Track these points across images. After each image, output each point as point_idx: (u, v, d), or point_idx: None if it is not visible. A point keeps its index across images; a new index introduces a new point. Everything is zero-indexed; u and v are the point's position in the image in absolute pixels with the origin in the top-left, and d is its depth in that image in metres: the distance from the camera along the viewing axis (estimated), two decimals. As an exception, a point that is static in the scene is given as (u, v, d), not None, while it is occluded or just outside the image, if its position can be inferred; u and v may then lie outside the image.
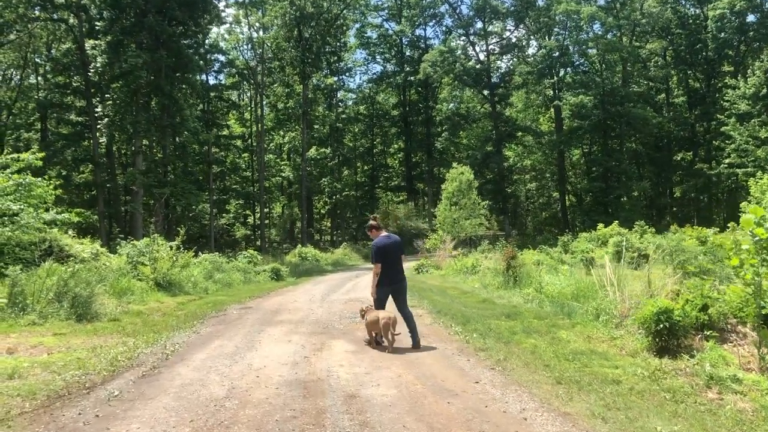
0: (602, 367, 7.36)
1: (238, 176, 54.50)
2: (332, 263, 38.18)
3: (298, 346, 9.14)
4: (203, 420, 5.46)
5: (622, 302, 10.12)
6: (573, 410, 5.64)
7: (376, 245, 8.98)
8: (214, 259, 24.41)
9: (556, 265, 18.18)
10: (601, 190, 52.09)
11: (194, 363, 8.02)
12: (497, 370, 7.36)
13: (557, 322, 10.71)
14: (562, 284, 13.51)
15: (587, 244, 31.96)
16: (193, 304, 15.53)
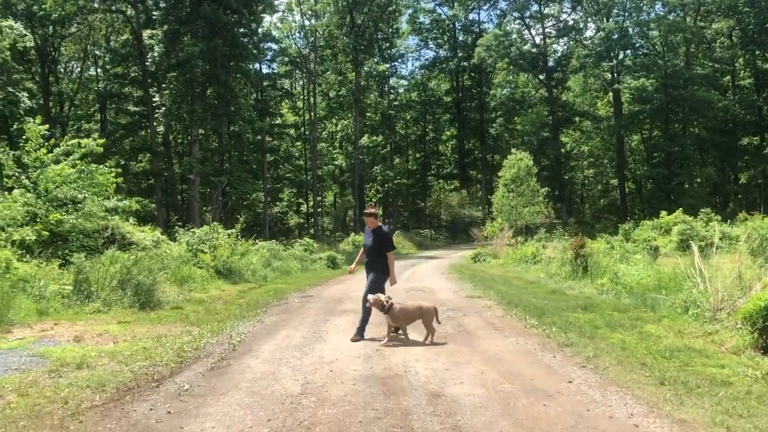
0: (705, 366, 6.69)
1: (291, 165, 54.60)
2: (386, 252, 37.82)
3: (366, 337, 8.72)
4: (281, 419, 5.06)
5: (714, 294, 9.35)
6: (689, 417, 5.03)
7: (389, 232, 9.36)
8: (271, 246, 24.30)
9: (627, 255, 17.28)
10: (662, 176, 50.18)
11: (263, 355, 7.68)
12: (589, 369, 6.76)
13: (641, 315, 10.00)
14: (640, 274, 12.73)
15: (650, 232, 30.73)
16: (253, 292, 15.34)
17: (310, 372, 6.74)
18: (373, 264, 9.01)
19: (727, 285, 9.58)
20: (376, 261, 8.96)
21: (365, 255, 9.14)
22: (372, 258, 9.00)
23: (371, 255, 8.98)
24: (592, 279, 14.65)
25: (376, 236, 8.91)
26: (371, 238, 8.95)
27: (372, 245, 8.92)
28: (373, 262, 9.00)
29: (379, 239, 8.89)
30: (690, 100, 47.96)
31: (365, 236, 9.16)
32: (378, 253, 8.92)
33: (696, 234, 25.92)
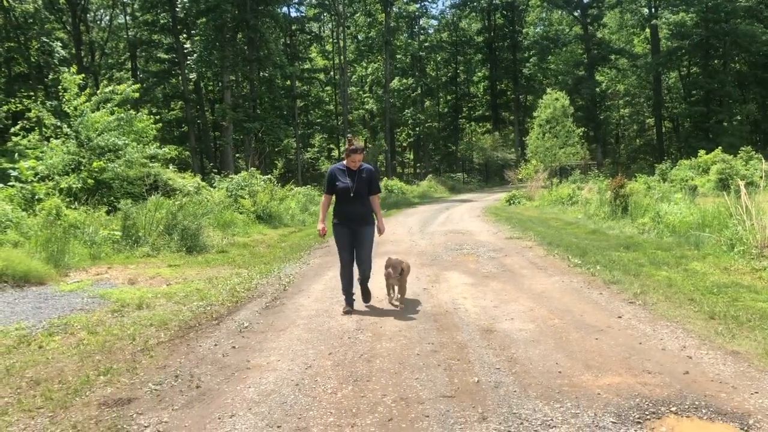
0: (755, 301, 6.71)
1: (322, 110, 54.42)
2: (419, 195, 37.87)
3: (412, 277, 8.84)
4: (342, 352, 5.26)
5: (762, 231, 9.27)
6: (742, 348, 5.09)
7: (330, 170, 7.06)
8: (307, 192, 24.55)
9: (667, 194, 17.07)
10: (701, 114, 48.87)
11: (314, 294, 7.91)
12: (637, 304, 6.84)
13: (685, 253, 9.98)
14: (682, 213, 12.62)
15: (687, 172, 30.19)
16: (294, 236, 15.60)
17: (361, 309, 6.94)
18: (359, 214, 6.80)
19: (774, 222, 9.48)
20: (362, 210, 6.82)
21: (340, 203, 6.84)
22: (356, 206, 6.77)
23: (355, 202, 6.75)
24: (633, 219, 14.55)
25: (365, 176, 6.80)
26: (354, 180, 6.74)
27: (358, 188, 6.72)
28: (358, 211, 6.79)
29: (369, 180, 6.84)
30: (732, 35, 46.13)
31: (338, 177, 6.81)
32: (364, 200, 6.83)
33: (736, 173, 25.37)
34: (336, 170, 6.89)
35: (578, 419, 3.77)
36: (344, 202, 6.78)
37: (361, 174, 6.80)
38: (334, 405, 4.10)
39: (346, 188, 6.74)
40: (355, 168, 6.81)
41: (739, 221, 10.00)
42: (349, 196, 6.72)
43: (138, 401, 4.24)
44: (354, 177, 6.77)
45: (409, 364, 4.91)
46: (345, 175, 6.80)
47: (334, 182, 6.80)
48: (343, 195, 6.76)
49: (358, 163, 6.79)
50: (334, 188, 6.82)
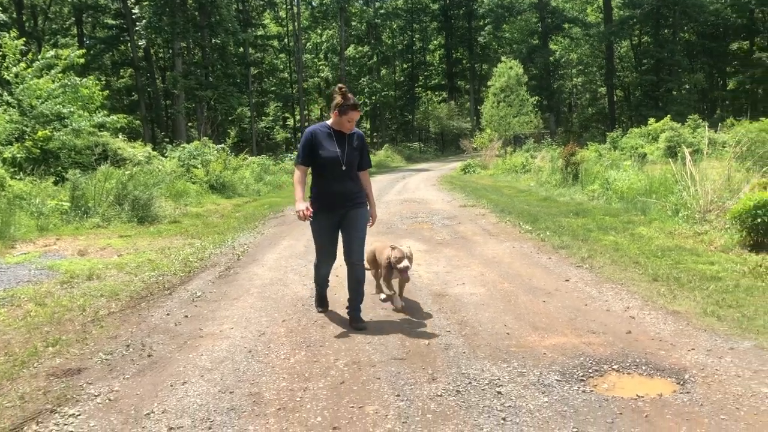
0: (696, 263, 6.98)
1: (276, 78, 53.57)
2: (375, 165, 37.74)
3: (367, 245, 8.90)
4: (296, 319, 5.30)
5: (704, 197, 9.59)
6: (681, 308, 5.31)
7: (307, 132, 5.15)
8: (262, 161, 24.31)
9: (617, 162, 17.47)
10: (651, 83, 49.84)
11: (268, 263, 7.90)
12: (584, 268, 7.04)
13: (632, 218, 10.28)
14: (630, 180, 12.95)
15: (638, 140, 30.85)
16: (249, 205, 15.47)
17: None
18: (349, 196, 5.07)
19: (716, 188, 9.82)
20: (354, 189, 5.10)
21: (325, 180, 5.01)
22: (347, 185, 5.04)
23: (346, 180, 5.02)
24: (583, 186, 14.87)
25: (357, 145, 5.10)
26: (345, 148, 5.00)
27: (350, 159, 5.02)
28: (349, 192, 5.06)
29: (361, 149, 5.15)
30: (681, 4, 46.89)
31: (322, 143, 4.97)
32: (355, 177, 5.13)
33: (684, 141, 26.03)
34: (318, 133, 5.00)
35: (524, 378, 3.89)
36: (330, 178, 4.95)
37: (353, 141, 5.05)
38: (287, 370, 4.14)
39: (335, 159, 4.91)
40: (347, 132, 5.02)
41: (684, 187, 10.32)
42: (338, 171, 4.92)
43: (88, 371, 4.21)
44: (344, 144, 4.99)
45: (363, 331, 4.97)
46: (332, 140, 4.98)
47: (317, 149, 4.92)
48: (331, 168, 4.92)
49: (353, 126, 5.04)
50: (316, 158, 4.94)
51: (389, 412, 3.46)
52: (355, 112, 4.96)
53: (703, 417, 3.31)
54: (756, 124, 16.50)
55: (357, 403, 3.59)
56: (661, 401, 3.52)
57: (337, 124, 5.04)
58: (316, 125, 5.17)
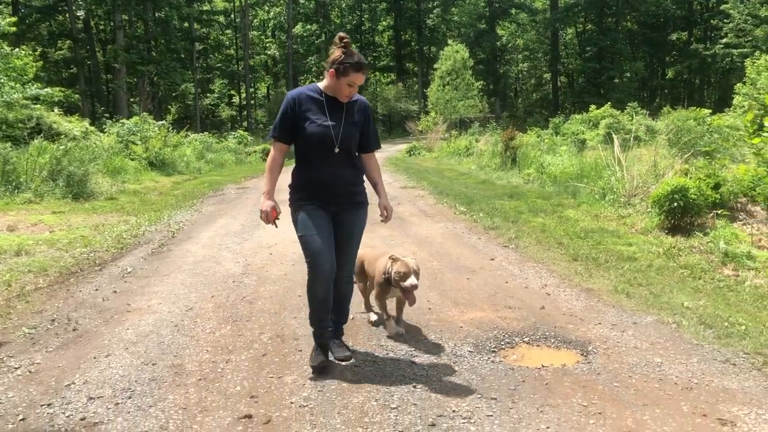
0: (616, 244, 7.35)
1: (222, 54, 52.62)
2: (321, 145, 37.73)
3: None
4: (225, 295, 5.39)
5: (630, 181, 10.03)
6: (595, 286, 5.63)
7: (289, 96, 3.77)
8: (204, 139, 23.98)
9: (554, 147, 17.97)
10: (594, 70, 51.07)
11: (203, 241, 7.92)
12: (510, 248, 7.33)
13: (562, 201, 10.66)
14: (564, 164, 13.38)
15: (579, 126, 31.65)
16: (188, 183, 15.33)
17: (250, 255, 7.05)
18: (346, 185, 3.78)
19: (642, 173, 10.28)
20: (351, 177, 3.80)
21: (314, 164, 3.71)
22: (342, 170, 3.73)
23: (342, 163, 3.71)
24: (520, 170, 15.27)
25: (358, 118, 3.78)
26: (341, 121, 3.68)
27: (347, 136, 3.69)
28: (346, 179, 3.77)
29: (366, 124, 3.83)
30: (624, -6, 48.19)
31: (308, 112, 3.65)
32: (354, 160, 3.81)
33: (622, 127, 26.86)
34: (305, 98, 3.66)
35: (439, 349, 4.10)
36: (319, 162, 3.65)
37: (352, 112, 3.72)
38: (212, 343, 4.24)
39: (325, 136, 3.60)
40: (345, 100, 3.67)
41: (612, 173, 10.75)
42: (330, 153, 3.62)
43: (9, 345, 4.22)
44: (341, 116, 3.66)
45: (289, 305, 5.11)
46: (323, 109, 3.64)
47: (301, 121, 3.62)
48: (319, 149, 3.63)
49: (355, 92, 3.69)
50: (299, 132, 3.64)
51: (307, 381, 3.61)
52: (359, 73, 3.55)
53: (598, 384, 3.57)
54: (684, 112, 17.20)
55: (277, 373, 3.73)
56: (562, 370, 3.78)
57: (332, 89, 3.63)
58: (302, 88, 3.77)
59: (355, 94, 3.76)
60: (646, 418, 3.14)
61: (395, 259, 4.16)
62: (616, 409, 3.24)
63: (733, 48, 38.89)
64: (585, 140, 24.11)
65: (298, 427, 3.06)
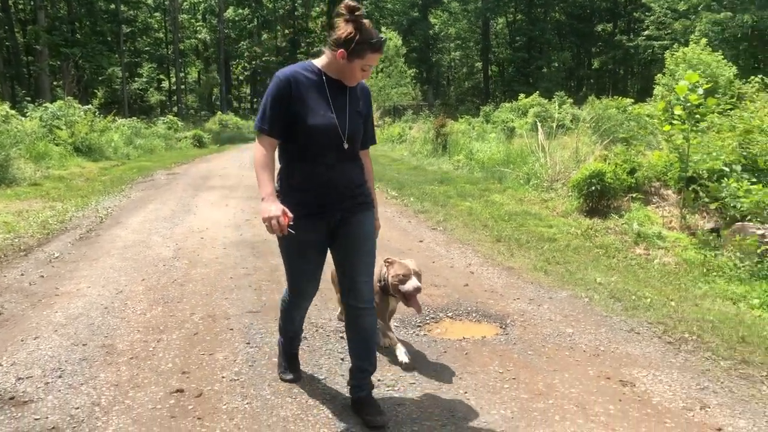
0: (537, 226, 7.71)
1: (150, 38, 51.03)
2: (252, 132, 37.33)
3: (237, 209, 9.06)
4: (155, 278, 5.41)
5: (552, 167, 10.47)
6: (516, 265, 5.94)
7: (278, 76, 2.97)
8: (133, 124, 23.33)
9: (484, 134, 18.43)
10: (523, 60, 52.27)
11: (132, 226, 7.84)
12: (439, 230, 7.58)
13: (489, 186, 11.02)
14: (492, 151, 13.79)
15: (508, 114, 32.44)
16: (116, 169, 14.98)
17: (181, 240, 7.05)
18: (351, 187, 3.02)
19: (564, 159, 10.75)
20: (356, 178, 3.07)
21: (311, 163, 2.93)
22: (347, 170, 3.01)
23: (346, 162, 3.01)
24: (450, 156, 15.61)
25: (363, 107, 3.08)
26: (344, 110, 2.96)
27: (352, 129, 2.98)
28: (350, 181, 3.03)
29: (367, 112, 3.14)
30: (552, -16, 49.40)
31: (307, 98, 2.89)
32: (357, 157, 3.10)
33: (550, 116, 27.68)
34: (302, 80, 2.92)
35: (367, 325, 4.28)
36: (321, 161, 2.93)
37: (356, 98, 3.04)
38: (143, 324, 4.29)
39: (332, 128, 2.91)
40: (353, 83, 2.99)
41: (537, 159, 11.18)
42: (338, 148, 2.94)
43: (-68, 330, 4.15)
44: (345, 103, 2.97)
45: (221, 287, 5.18)
46: (325, 95, 2.94)
47: (299, 110, 2.88)
48: (322, 145, 2.92)
49: (368, 76, 3.02)
50: (296, 126, 2.89)
51: (238, 357, 3.73)
52: (376, 54, 2.88)
53: (513, 353, 3.83)
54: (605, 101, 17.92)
55: (208, 351, 3.83)
56: (482, 342, 4.02)
57: (336, 70, 2.93)
58: (295, 66, 2.99)
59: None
60: (555, 382, 3.42)
61: (391, 262, 3.57)
62: (529, 374, 3.50)
63: (654, 40, 40.60)
64: (514, 128, 24.76)
65: (229, 399, 3.19)
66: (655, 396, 3.25)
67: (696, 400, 3.21)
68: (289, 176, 2.98)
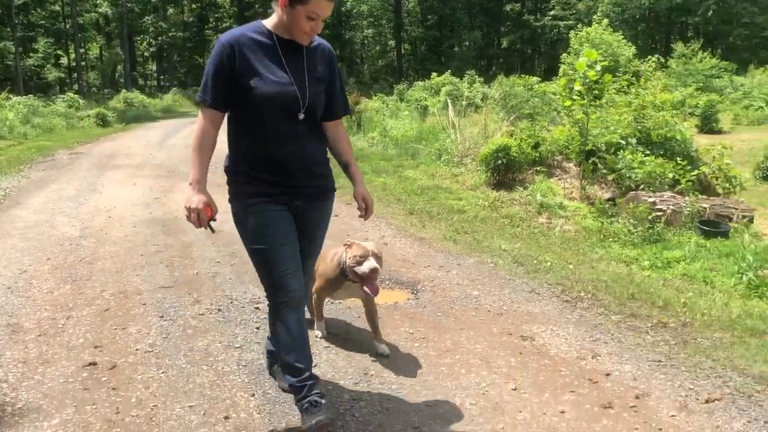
0: (448, 199, 7.96)
1: (46, 11, 48.20)
2: (162, 110, 36.04)
3: (145, 188, 8.84)
4: (62, 257, 5.26)
5: (462, 143, 10.77)
6: (427, 235, 6.14)
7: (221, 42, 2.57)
8: (29, 102, 22.11)
9: (397, 112, 18.65)
10: (435, 39, 52.94)
11: (34, 206, 7.53)
12: (353, 205, 7.68)
13: (403, 162, 11.22)
14: (405, 128, 13.99)
15: (422, 92, 32.85)
16: (13, 149, 14.19)
17: (87, 219, 6.84)
18: (312, 165, 2.71)
19: (474, 135, 11.07)
20: (317, 154, 2.76)
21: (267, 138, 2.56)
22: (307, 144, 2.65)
23: (305, 135, 2.63)
24: (365, 133, 15.71)
25: (324, 68, 2.69)
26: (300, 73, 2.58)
27: (312, 96, 2.59)
28: (311, 158, 2.70)
29: (331, 77, 2.74)
30: (463, -37, 50.10)
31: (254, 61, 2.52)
32: (319, 128, 2.75)
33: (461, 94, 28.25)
34: (247, 43, 2.56)
35: (282, 296, 4.35)
36: (278, 132, 2.58)
37: (315, 61, 2.66)
38: (50, 302, 4.19)
39: (286, 95, 2.55)
40: (305, 41, 2.60)
41: (447, 135, 11.47)
42: (293, 119, 2.58)
43: None
44: (301, 66, 2.61)
45: (131, 264, 5.10)
46: (275, 57, 2.57)
47: (246, 77, 2.52)
48: (277, 114, 2.56)
49: (318, 29, 2.58)
50: (243, 94, 2.53)
51: (152, 330, 3.72)
52: (327, 1, 2.47)
53: (423, 315, 4.01)
54: (513, 80, 18.51)
55: (120, 325, 3.80)
56: (394, 306, 4.19)
57: (285, 27, 2.56)
58: (241, 29, 2.63)
59: (317, 37, 2.68)
60: (462, 339, 3.62)
61: (350, 245, 3.42)
62: (437, 333, 3.69)
63: (559, 20, 42.12)
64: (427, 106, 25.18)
65: (144, 370, 3.20)
66: (552, 348, 3.51)
67: (589, 350, 3.48)
68: (239, 154, 2.61)
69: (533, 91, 16.18)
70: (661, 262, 5.47)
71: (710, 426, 2.72)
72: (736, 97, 23.40)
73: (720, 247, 5.91)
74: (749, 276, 5.00)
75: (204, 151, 2.56)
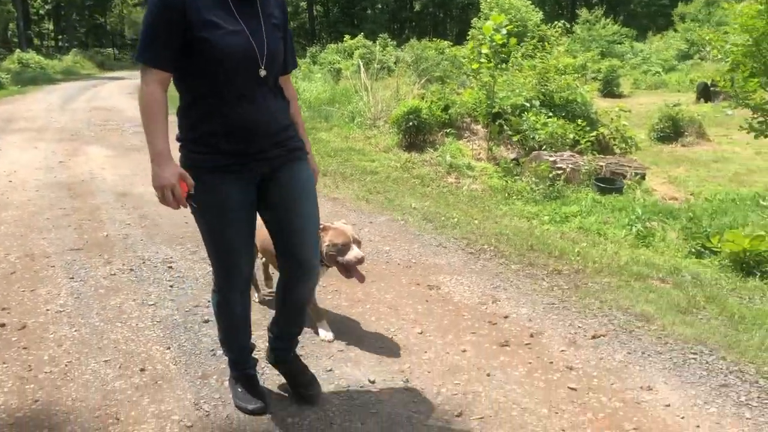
0: (361, 161, 8.10)
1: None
2: (62, 72, 34.15)
3: (48, 152, 8.52)
4: (-41, 224, 5.07)
5: (375, 106, 10.89)
6: (341, 196, 6.27)
7: None
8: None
9: (310, 74, 18.51)
10: (348, 1, 52.40)
11: (-76, 172, 7.14)
12: (266, 167, 7.70)
13: (316, 125, 11.23)
14: (318, 91, 13.96)
15: (335, 55, 32.61)
16: None
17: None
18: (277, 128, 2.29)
19: (386, 98, 11.20)
20: (281, 115, 2.33)
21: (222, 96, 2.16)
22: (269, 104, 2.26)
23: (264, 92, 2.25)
24: (277, 96, 15.57)
25: (278, 21, 2.33)
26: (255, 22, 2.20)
27: (271, 49, 2.22)
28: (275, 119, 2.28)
29: (284, 27, 2.38)
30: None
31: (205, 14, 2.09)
32: (278, 87, 2.36)
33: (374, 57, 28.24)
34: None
35: (195, 255, 4.38)
36: (237, 92, 2.19)
37: (269, 7, 2.30)
38: (-50, 268, 4.06)
39: (245, 49, 2.17)
40: None
41: (360, 98, 11.55)
42: (254, 76, 2.21)
43: None
44: (257, 13, 2.23)
45: (37, 227, 4.98)
46: (226, 6, 2.16)
47: (198, 29, 2.09)
48: (236, 72, 2.18)
49: None
50: (197, 49, 2.12)
51: (62, 291, 3.70)
52: None
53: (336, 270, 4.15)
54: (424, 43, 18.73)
55: (29, 287, 3.75)
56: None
57: None
58: None
59: None
60: (372, 291, 3.80)
61: (325, 228, 3.02)
62: (349, 286, 3.84)
63: (470, -16, 42.49)
64: (340, 69, 25.06)
65: (56, 329, 3.20)
66: (456, 296, 3.75)
67: (489, 296, 3.74)
68: (191, 120, 2.22)
69: (444, 55, 16.46)
70: (560, 216, 5.86)
71: (595, 358, 3.02)
72: (635, 63, 24.63)
73: (614, 202, 6.37)
74: (638, 227, 5.45)
75: (158, 118, 2.11)
